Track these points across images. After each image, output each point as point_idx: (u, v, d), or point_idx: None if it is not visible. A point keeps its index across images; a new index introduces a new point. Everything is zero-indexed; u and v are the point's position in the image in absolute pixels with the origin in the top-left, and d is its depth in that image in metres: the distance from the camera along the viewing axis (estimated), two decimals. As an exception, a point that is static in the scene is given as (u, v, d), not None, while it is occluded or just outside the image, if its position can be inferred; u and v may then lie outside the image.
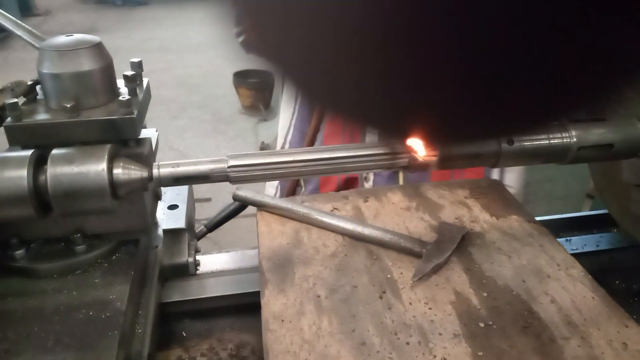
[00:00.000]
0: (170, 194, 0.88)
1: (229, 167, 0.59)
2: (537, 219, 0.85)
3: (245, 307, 0.74)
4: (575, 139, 0.66)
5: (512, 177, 1.25)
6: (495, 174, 1.21)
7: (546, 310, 0.66)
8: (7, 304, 0.61)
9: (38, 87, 0.68)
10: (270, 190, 1.30)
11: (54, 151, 0.58)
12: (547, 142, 0.66)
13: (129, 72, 0.68)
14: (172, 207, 0.85)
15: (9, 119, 0.62)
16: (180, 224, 0.81)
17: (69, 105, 0.62)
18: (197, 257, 0.80)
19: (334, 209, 0.88)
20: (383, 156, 0.63)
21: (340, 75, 0.21)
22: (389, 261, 0.76)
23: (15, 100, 0.63)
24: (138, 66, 0.71)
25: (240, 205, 1.17)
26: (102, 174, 0.57)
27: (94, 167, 0.57)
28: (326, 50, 0.20)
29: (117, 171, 0.58)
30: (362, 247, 0.79)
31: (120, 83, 0.69)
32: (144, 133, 0.69)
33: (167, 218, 0.82)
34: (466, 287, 0.71)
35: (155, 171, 0.60)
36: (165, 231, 0.79)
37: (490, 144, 0.66)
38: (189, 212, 0.85)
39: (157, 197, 0.78)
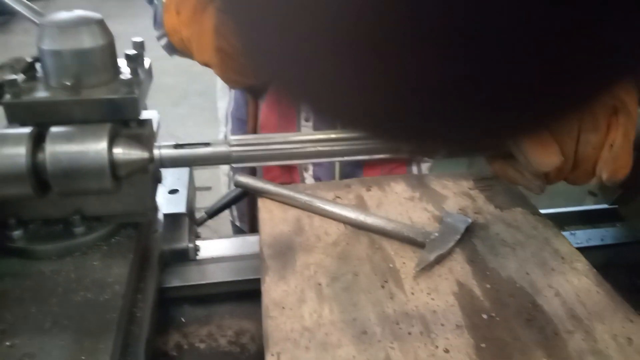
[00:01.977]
0: (170, 179, 0.86)
1: (231, 147, 0.58)
2: (542, 212, 0.84)
3: (245, 294, 0.73)
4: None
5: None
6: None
7: (550, 303, 0.66)
8: (4, 284, 0.60)
9: (38, 65, 0.67)
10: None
11: (53, 129, 0.57)
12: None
13: (131, 52, 0.66)
14: (173, 191, 0.84)
15: (7, 96, 0.61)
16: (181, 208, 0.80)
17: (69, 84, 0.61)
18: (197, 243, 0.79)
19: (336, 197, 0.87)
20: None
21: (333, 79, 0.20)
22: (392, 251, 0.75)
23: (15, 77, 0.62)
24: (140, 46, 0.70)
25: (242, 192, 1.15)
26: (102, 153, 0.55)
27: (94, 146, 0.55)
28: (320, 55, 0.19)
29: (118, 151, 0.57)
30: (365, 236, 0.78)
31: (122, 63, 0.68)
32: (145, 114, 0.67)
33: (168, 202, 0.81)
34: (469, 278, 0.70)
35: (156, 152, 0.59)
36: (166, 215, 0.78)
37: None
38: (190, 197, 0.84)
39: (157, 180, 0.76)
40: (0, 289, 0.59)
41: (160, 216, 0.79)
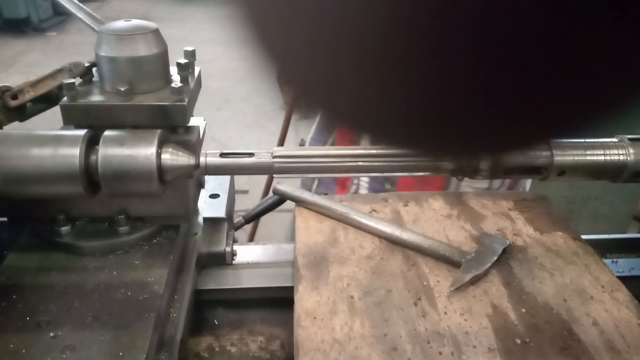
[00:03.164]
0: (212, 183, 0.89)
1: (273, 158, 0.59)
2: (583, 237, 0.82)
3: (278, 301, 0.74)
4: (632, 157, 0.63)
5: None
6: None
7: (587, 333, 0.64)
8: (50, 277, 0.63)
9: (94, 69, 0.70)
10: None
11: (106, 132, 0.60)
12: (603, 158, 0.64)
13: (183, 60, 0.69)
14: (214, 196, 0.86)
15: (65, 98, 0.64)
16: (221, 213, 0.81)
17: (123, 89, 0.63)
18: (234, 248, 0.80)
19: (373, 210, 0.87)
20: (429, 157, 0.62)
21: (361, 90, 0.21)
22: (426, 268, 0.74)
23: (73, 80, 0.65)
24: (191, 55, 0.72)
25: (279, 199, 1.17)
26: (151, 158, 0.58)
27: (144, 151, 0.58)
28: (344, 64, 0.20)
29: (166, 156, 0.59)
30: (399, 252, 0.78)
31: (173, 70, 0.71)
32: (193, 121, 0.69)
33: (208, 207, 0.83)
34: (504, 302, 0.69)
35: (202, 159, 0.61)
36: (206, 219, 0.80)
37: (541, 156, 0.64)
38: (229, 202, 0.86)
39: (201, 185, 0.79)
40: (46, 281, 0.62)
41: (201, 219, 0.81)
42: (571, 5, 0.16)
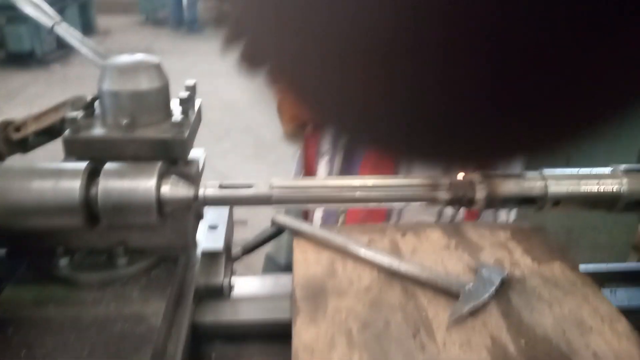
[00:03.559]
0: (211, 215, 0.89)
1: (272, 188, 0.60)
2: (582, 267, 0.82)
3: (276, 334, 0.74)
4: (626, 187, 0.64)
5: None
6: None
7: (588, 366, 0.63)
8: (47, 311, 0.63)
9: (97, 103, 0.72)
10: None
11: (107, 165, 0.61)
12: (597, 188, 0.64)
13: (184, 94, 0.70)
14: (212, 227, 0.86)
15: (67, 132, 0.65)
16: (219, 245, 0.82)
17: (124, 122, 0.65)
18: (232, 280, 0.80)
19: (371, 240, 0.87)
20: (424, 187, 0.63)
21: (366, 105, 0.22)
22: (425, 300, 0.74)
23: (75, 114, 0.66)
24: (192, 89, 0.74)
25: (277, 230, 1.17)
26: (151, 191, 0.58)
27: (144, 183, 0.59)
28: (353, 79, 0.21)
29: (165, 189, 0.60)
30: (398, 283, 0.78)
31: (175, 104, 0.72)
32: (193, 153, 0.70)
33: (206, 238, 0.83)
34: (503, 333, 0.68)
35: (201, 191, 0.61)
36: (204, 251, 0.81)
37: (536, 187, 0.65)
38: (228, 234, 0.86)
39: (199, 216, 0.79)
40: (43, 315, 0.62)
41: (199, 251, 0.81)
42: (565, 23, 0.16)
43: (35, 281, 0.67)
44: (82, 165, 0.61)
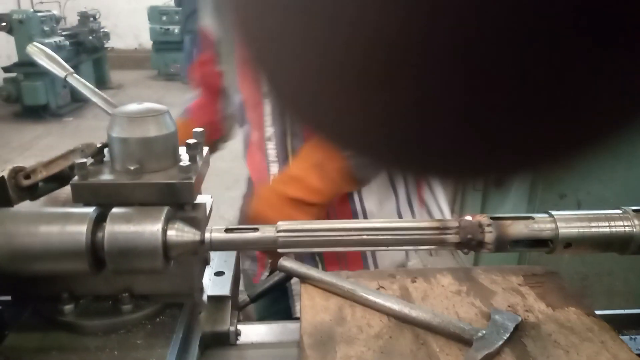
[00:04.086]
0: (217, 260, 0.88)
1: (278, 232, 0.60)
2: (598, 313, 0.80)
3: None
4: (638, 229, 0.63)
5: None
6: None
7: (609, 416, 0.60)
8: (50, 357, 0.61)
9: (106, 150, 0.73)
10: None
11: (114, 210, 0.61)
12: (608, 230, 0.63)
13: (191, 140, 0.71)
14: (219, 273, 0.85)
15: (76, 177, 0.66)
16: (225, 291, 0.80)
17: (132, 168, 0.65)
18: (238, 327, 0.79)
19: (380, 287, 0.86)
20: (432, 230, 0.63)
21: (342, 108, 0.22)
22: (437, 347, 0.72)
23: (84, 160, 0.67)
24: (200, 135, 0.75)
25: (285, 276, 1.16)
26: (157, 235, 0.58)
27: (150, 228, 0.58)
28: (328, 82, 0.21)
29: (171, 233, 0.60)
30: (409, 330, 0.75)
31: (182, 150, 0.73)
32: (200, 198, 0.71)
33: (213, 284, 0.82)
34: (519, 382, 0.66)
35: (207, 235, 0.61)
36: (210, 297, 0.79)
37: (546, 229, 0.64)
38: (235, 280, 0.85)
39: (206, 262, 0.78)
40: (46, 362, 0.61)
41: (205, 297, 0.80)
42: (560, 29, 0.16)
43: (39, 327, 0.66)
44: (89, 210, 0.61)
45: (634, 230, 0.63)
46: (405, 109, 0.20)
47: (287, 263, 0.91)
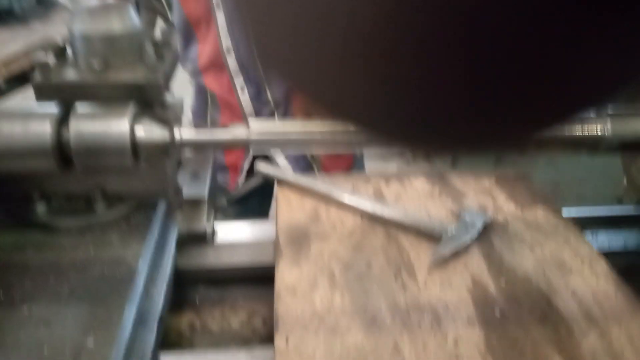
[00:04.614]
0: (193, 162, 0.88)
1: (250, 131, 0.59)
2: (564, 212, 0.83)
3: (259, 279, 0.74)
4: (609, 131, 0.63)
5: None
6: None
7: (566, 304, 0.64)
8: (26, 255, 0.62)
9: (69, 48, 0.69)
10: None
11: (78, 107, 0.59)
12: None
13: (158, 38, 0.68)
14: (195, 174, 0.85)
15: (37, 76, 0.63)
16: (202, 192, 0.81)
17: (96, 66, 0.62)
18: (215, 227, 0.80)
19: (355, 188, 0.87)
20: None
21: (347, 81, 0.21)
22: (407, 243, 0.74)
23: (45, 59, 0.64)
24: (168, 33, 0.71)
25: (262, 182, 1.17)
26: (124, 133, 0.57)
27: (116, 126, 0.57)
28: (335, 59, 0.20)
29: (140, 131, 0.58)
30: (381, 228, 0.78)
31: (149, 47, 0.69)
32: (172, 99, 0.69)
33: (189, 185, 0.82)
34: (484, 274, 0.69)
35: (177, 135, 0.60)
36: (186, 198, 0.80)
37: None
38: (211, 181, 0.85)
39: (179, 162, 0.78)
40: (22, 259, 0.61)
41: (181, 198, 0.80)
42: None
43: (13, 228, 0.66)
44: (52, 107, 0.59)
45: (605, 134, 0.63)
46: (409, 82, 0.19)
47: (263, 166, 0.91)
